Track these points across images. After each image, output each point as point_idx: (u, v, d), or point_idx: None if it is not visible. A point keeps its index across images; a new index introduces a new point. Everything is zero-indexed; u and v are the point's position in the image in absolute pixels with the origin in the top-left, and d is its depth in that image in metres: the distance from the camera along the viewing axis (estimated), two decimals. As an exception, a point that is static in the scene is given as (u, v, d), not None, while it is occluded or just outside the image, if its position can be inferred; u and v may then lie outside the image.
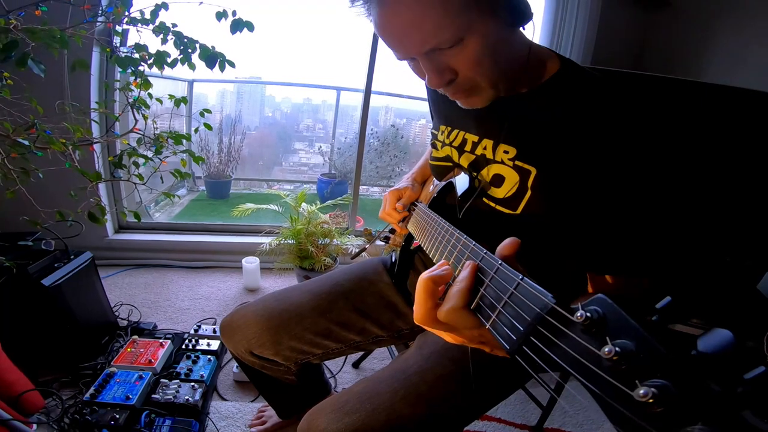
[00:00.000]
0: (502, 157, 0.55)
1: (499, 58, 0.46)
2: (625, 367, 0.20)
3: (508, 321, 0.29)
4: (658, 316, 0.21)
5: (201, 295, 1.62)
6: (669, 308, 0.21)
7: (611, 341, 0.21)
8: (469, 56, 0.45)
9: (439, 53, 0.45)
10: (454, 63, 0.46)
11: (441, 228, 0.51)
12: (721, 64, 1.49)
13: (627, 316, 0.21)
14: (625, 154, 0.46)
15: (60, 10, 1.01)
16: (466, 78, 0.47)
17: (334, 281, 0.80)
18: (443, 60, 0.46)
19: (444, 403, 0.59)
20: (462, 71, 0.47)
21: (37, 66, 0.80)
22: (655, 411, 0.18)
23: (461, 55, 0.45)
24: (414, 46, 0.44)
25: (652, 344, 0.20)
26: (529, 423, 1.09)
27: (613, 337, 0.21)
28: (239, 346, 0.76)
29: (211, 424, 1.03)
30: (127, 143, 1.32)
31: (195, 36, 1.15)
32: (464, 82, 0.48)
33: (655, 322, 0.21)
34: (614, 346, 0.20)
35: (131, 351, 1.17)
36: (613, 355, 0.20)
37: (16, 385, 0.95)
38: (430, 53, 0.45)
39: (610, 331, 0.22)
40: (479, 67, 0.46)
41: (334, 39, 3.31)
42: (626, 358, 0.20)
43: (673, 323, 0.21)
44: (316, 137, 4.01)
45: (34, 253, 1.10)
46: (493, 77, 0.48)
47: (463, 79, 0.48)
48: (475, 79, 0.48)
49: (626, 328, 0.21)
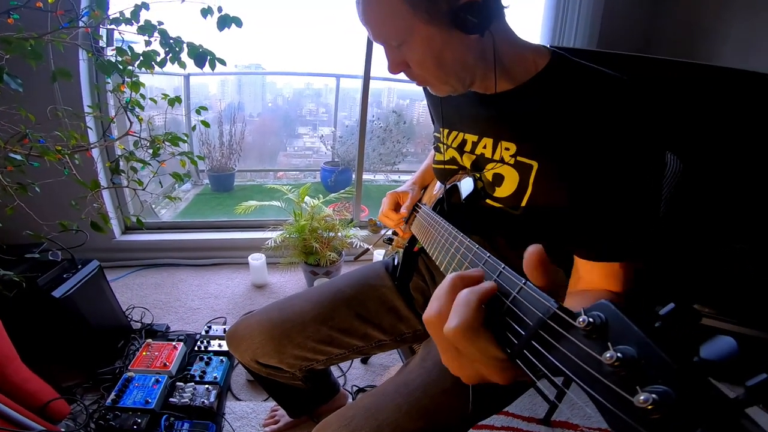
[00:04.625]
0: (502, 154, 0.57)
1: (445, 61, 0.50)
2: (625, 373, 0.20)
3: (510, 324, 0.29)
4: (662, 323, 0.21)
5: (210, 294, 1.65)
6: (672, 314, 0.21)
7: (613, 347, 0.21)
8: (413, 57, 0.51)
9: (393, 47, 0.51)
10: (405, 58, 0.52)
11: (444, 231, 0.52)
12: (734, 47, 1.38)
13: (630, 322, 0.21)
14: (616, 141, 0.47)
15: (40, 18, 0.97)
16: (415, 73, 0.53)
17: (336, 288, 0.80)
18: (397, 53, 0.52)
19: (446, 416, 0.60)
20: (412, 66, 0.53)
21: (14, 81, 0.77)
22: (654, 417, 0.18)
23: (409, 54, 0.51)
24: (375, 36, 0.51)
25: (653, 351, 0.20)
26: (537, 416, 1.10)
27: (615, 343, 0.21)
28: (245, 355, 0.78)
29: (227, 425, 1.06)
30: (123, 148, 1.30)
31: (186, 34, 1.10)
32: (416, 75, 0.54)
33: (657, 328, 0.21)
34: (616, 352, 0.20)
35: (146, 354, 1.20)
36: (615, 360, 0.20)
37: (40, 394, 0.99)
38: (385, 45, 0.52)
39: (612, 336, 0.22)
40: (422, 67, 0.52)
41: (332, 26, 3.24)
42: (627, 364, 0.20)
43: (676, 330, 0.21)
44: (319, 121, 3.95)
45: (42, 265, 1.12)
46: (441, 76, 0.53)
47: (414, 73, 0.54)
48: (423, 75, 0.53)
49: (628, 334, 0.21)
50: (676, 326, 0.21)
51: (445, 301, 0.30)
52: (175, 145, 1.22)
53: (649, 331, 0.21)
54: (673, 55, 1.35)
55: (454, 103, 0.65)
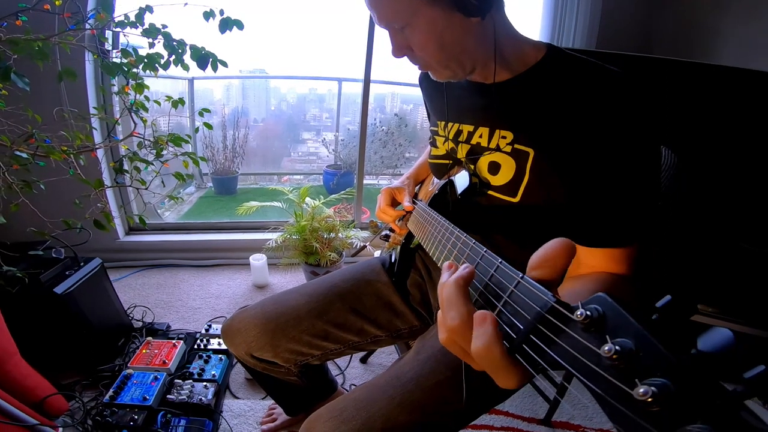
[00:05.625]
0: (499, 142, 0.57)
1: (446, 44, 0.51)
2: (624, 365, 0.20)
3: (508, 319, 0.29)
4: (658, 315, 0.21)
5: (212, 294, 1.66)
6: (669, 307, 0.21)
7: (611, 340, 0.21)
8: (415, 39, 0.52)
9: (397, 30, 0.53)
10: (408, 41, 0.53)
11: (441, 226, 0.52)
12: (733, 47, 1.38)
13: (627, 314, 0.21)
14: (611, 129, 0.48)
15: (48, 19, 1.00)
16: (418, 56, 0.54)
17: (331, 283, 0.80)
18: (401, 37, 0.53)
19: (439, 409, 0.59)
20: (414, 50, 0.53)
21: (21, 80, 0.79)
22: (654, 410, 0.18)
23: (412, 37, 0.52)
24: (379, 19, 0.52)
25: (651, 343, 0.20)
26: (538, 416, 1.09)
27: (613, 336, 0.21)
28: (240, 349, 0.78)
29: (224, 422, 1.06)
30: (127, 148, 1.33)
31: (189, 36, 1.13)
32: (418, 59, 0.55)
33: (655, 320, 0.21)
34: (614, 345, 0.20)
35: (146, 352, 1.20)
36: (613, 353, 0.20)
37: (38, 390, 1.00)
38: (389, 28, 0.53)
39: (610, 329, 0.22)
40: (425, 50, 0.52)
41: (334, 30, 3.29)
42: (626, 356, 0.20)
43: (673, 322, 0.21)
44: (323, 126, 3.99)
45: (46, 262, 1.13)
46: (442, 60, 0.53)
47: (416, 57, 0.55)
48: (425, 59, 0.54)
49: (626, 326, 0.21)
50: (673, 318, 0.21)
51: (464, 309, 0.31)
52: (178, 146, 1.24)
53: (647, 323, 0.21)
54: (673, 55, 1.35)
55: (452, 96, 0.66)
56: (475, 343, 0.29)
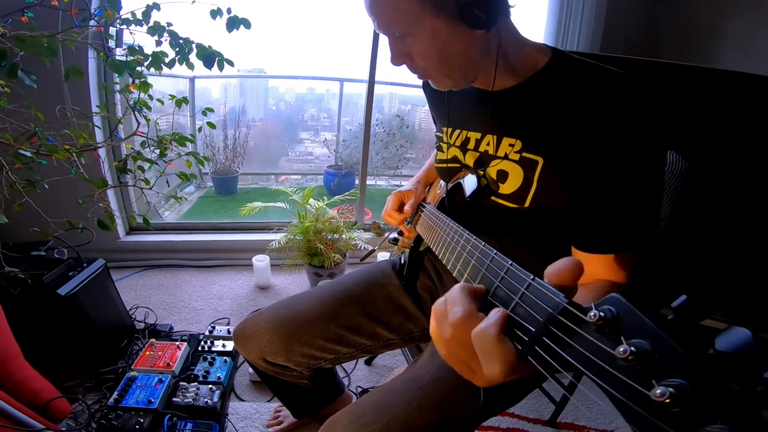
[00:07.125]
0: (507, 150, 0.56)
1: (449, 55, 0.51)
2: (640, 366, 0.20)
3: (519, 322, 0.29)
4: (674, 315, 0.21)
5: (214, 295, 1.64)
6: (685, 307, 0.21)
7: (626, 341, 0.21)
8: (417, 49, 0.51)
9: (397, 38, 0.51)
10: (409, 50, 0.52)
11: (450, 229, 0.52)
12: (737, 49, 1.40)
13: (642, 315, 0.21)
14: (618, 135, 0.47)
15: (51, 16, 0.99)
16: (418, 65, 0.53)
17: (343, 287, 0.80)
18: (401, 44, 0.52)
19: (457, 412, 0.59)
20: (415, 59, 0.53)
21: (28, 77, 0.78)
22: (672, 411, 0.18)
23: (413, 46, 0.51)
24: (380, 27, 0.51)
25: (668, 343, 0.19)
26: (543, 417, 1.09)
27: (628, 337, 0.21)
28: (252, 353, 0.77)
29: (230, 425, 1.05)
30: (131, 147, 1.31)
31: (194, 34, 1.12)
32: (418, 68, 0.54)
33: (671, 321, 0.21)
34: (629, 346, 0.20)
35: (150, 354, 1.19)
36: (629, 354, 0.20)
37: (42, 393, 0.98)
38: (389, 35, 0.52)
39: (624, 330, 0.21)
40: (426, 60, 0.52)
41: (335, 30, 3.28)
42: (642, 357, 0.20)
43: (689, 322, 0.21)
44: (321, 126, 3.97)
45: (48, 263, 1.12)
46: (443, 70, 0.53)
47: (416, 66, 0.54)
48: (425, 68, 0.53)
49: (641, 327, 0.21)
50: (689, 318, 0.20)
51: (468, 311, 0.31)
52: (182, 145, 1.23)
53: (663, 323, 0.20)
54: (677, 57, 1.36)
55: (458, 103, 0.65)
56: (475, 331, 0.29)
